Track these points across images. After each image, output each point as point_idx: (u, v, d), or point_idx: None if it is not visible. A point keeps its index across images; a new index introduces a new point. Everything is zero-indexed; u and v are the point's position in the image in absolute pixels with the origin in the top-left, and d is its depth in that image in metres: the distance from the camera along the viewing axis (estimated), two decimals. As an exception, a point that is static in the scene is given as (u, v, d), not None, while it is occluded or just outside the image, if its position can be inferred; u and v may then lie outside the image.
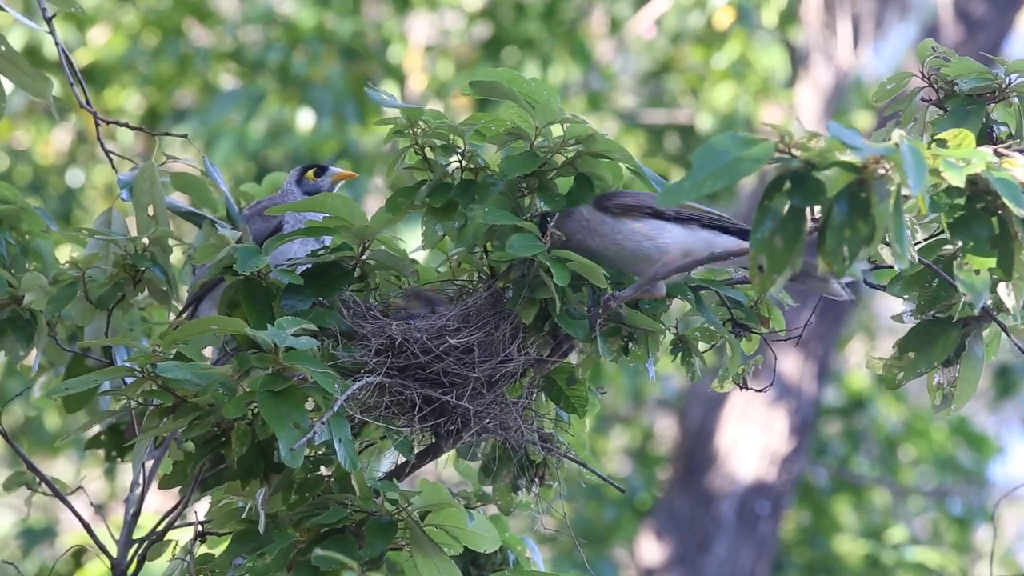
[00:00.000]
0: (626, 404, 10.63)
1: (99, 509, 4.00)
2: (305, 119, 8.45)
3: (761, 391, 3.09)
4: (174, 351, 2.87)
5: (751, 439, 8.85)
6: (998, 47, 9.12)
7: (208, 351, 3.33)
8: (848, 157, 2.36)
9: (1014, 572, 9.65)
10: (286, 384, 2.71)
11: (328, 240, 3.15)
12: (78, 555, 8.36)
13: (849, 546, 10.15)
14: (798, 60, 9.75)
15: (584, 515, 9.73)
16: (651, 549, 8.94)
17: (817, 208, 2.41)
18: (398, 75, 8.95)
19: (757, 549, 8.85)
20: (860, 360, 11.65)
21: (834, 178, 2.37)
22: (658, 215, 2.99)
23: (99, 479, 8.97)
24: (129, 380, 2.90)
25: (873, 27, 9.62)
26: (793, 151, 2.39)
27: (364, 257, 3.07)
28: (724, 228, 3.02)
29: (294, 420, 2.66)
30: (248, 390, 2.76)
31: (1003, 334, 2.84)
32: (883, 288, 2.89)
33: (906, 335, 2.88)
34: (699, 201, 2.70)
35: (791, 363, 8.84)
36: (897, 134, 2.36)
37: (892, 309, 2.97)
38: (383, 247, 3.07)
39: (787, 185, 2.39)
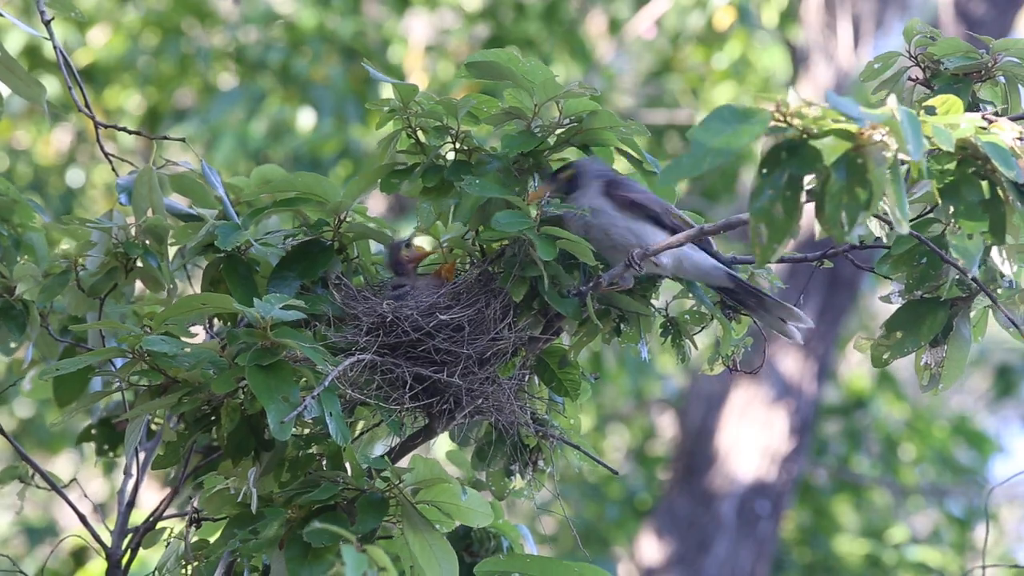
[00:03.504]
0: (626, 404, 10.62)
1: (99, 508, 3.99)
2: (306, 119, 8.46)
3: (751, 373, 3.09)
4: (163, 331, 2.88)
5: (751, 439, 8.85)
6: None
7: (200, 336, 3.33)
8: (844, 124, 2.38)
9: (1013, 571, 9.61)
10: (275, 358, 2.71)
11: None
12: (79, 555, 8.36)
13: (849, 546, 10.14)
14: (798, 60, 9.75)
15: (584, 515, 9.72)
16: (651, 549, 8.93)
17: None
18: (398, 75, 8.96)
19: (757, 549, 8.84)
20: (860, 360, 11.65)
21: (831, 146, 2.38)
22: (656, 221, 2.98)
23: (98, 477, 8.98)
24: (120, 363, 2.91)
25: (873, 27, 9.62)
26: (789, 119, 2.40)
27: (341, 230, 3.08)
28: (713, 255, 3.03)
29: (283, 394, 2.67)
30: (238, 365, 2.76)
31: (991, 316, 2.86)
32: (871, 270, 2.90)
33: (894, 314, 2.89)
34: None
35: (791, 363, 8.84)
36: (892, 100, 2.37)
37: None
38: (359, 219, 3.10)
39: (784, 154, 2.40)
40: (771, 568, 9.13)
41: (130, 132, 3.55)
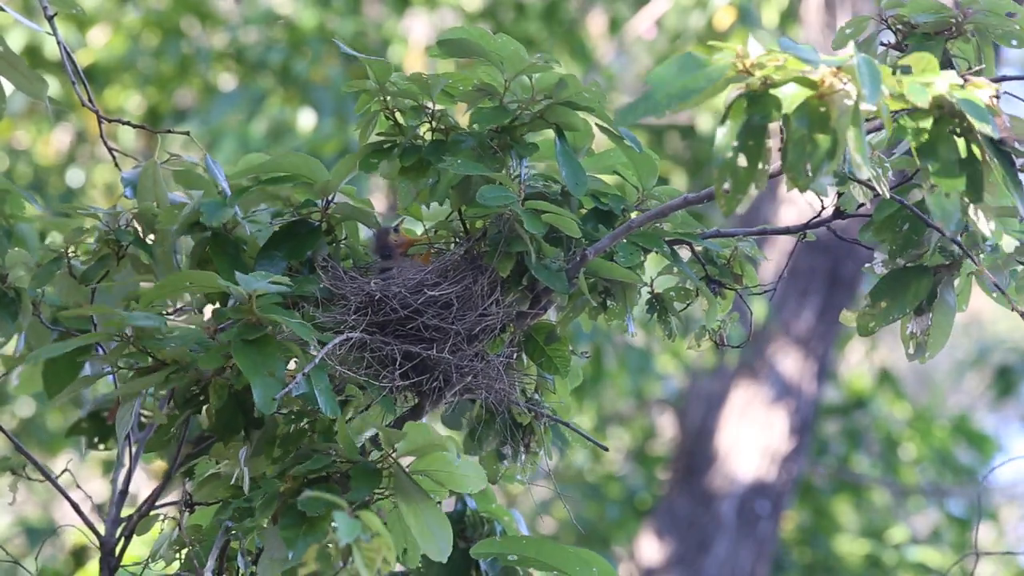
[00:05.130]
0: (626, 404, 10.62)
1: (97, 509, 3.98)
2: (306, 119, 8.46)
3: (738, 347, 3.09)
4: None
5: (751, 439, 8.85)
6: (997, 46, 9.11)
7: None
8: (804, 72, 2.40)
9: (1014, 572, 9.63)
10: (260, 333, 2.71)
11: None
12: (79, 554, 8.36)
13: (849, 546, 10.14)
14: (798, 60, 9.74)
15: (584, 515, 9.72)
16: (651, 549, 8.93)
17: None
18: (398, 76, 8.95)
19: (757, 549, 8.84)
20: (860, 359, 11.64)
21: (792, 94, 2.41)
22: None
23: (98, 478, 8.98)
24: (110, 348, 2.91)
25: (873, 27, 9.61)
26: (751, 69, 2.42)
27: (329, 210, 3.09)
28: None
29: (269, 369, 2.66)
30: (223, 342, 2.76)
31: (974, 281, 2.88)
32: (854, 241, 2.92)
33: (878, 284, 2.91)
34: None
35: (791, 363, 8.84)
36: (850, 46, 2.40)
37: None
38: (347, 200, 3.10)
39: (745, 104, 2.42)
40: (771, 568, 9.13)
41: (134, 126, 3.56)
